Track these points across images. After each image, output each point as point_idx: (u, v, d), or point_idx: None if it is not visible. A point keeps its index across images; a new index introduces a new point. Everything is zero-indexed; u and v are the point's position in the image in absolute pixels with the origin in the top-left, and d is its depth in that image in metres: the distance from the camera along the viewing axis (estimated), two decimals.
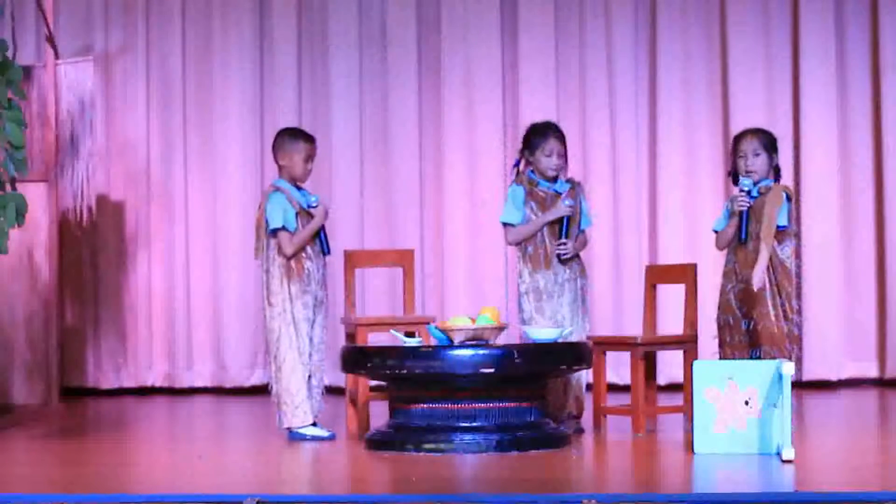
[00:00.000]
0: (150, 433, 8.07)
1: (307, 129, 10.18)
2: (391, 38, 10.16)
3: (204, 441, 7.57)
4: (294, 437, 7.09)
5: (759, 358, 6.88)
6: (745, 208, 7.01)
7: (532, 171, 7.42)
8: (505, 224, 7.43)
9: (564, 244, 7.30)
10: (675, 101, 10.00)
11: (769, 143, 7.10)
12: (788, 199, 7.01)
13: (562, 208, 7.28)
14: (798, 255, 7.09)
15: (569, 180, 7.47)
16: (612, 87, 10.06)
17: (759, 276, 6.85)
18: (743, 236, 7.02)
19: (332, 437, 7.11)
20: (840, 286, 9.90)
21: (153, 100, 10.24)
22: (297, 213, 7.13)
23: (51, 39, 9.43)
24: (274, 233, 7.11)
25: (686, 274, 7.49)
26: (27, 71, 9.26)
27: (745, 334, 6.96)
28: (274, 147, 7.30)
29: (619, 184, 10.05)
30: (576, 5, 10.09)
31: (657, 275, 7.78)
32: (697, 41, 10.04)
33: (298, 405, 7.08)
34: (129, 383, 10.20)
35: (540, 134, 7.40)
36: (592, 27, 10.07)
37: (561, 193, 7.39)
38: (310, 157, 7.24)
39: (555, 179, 7.42)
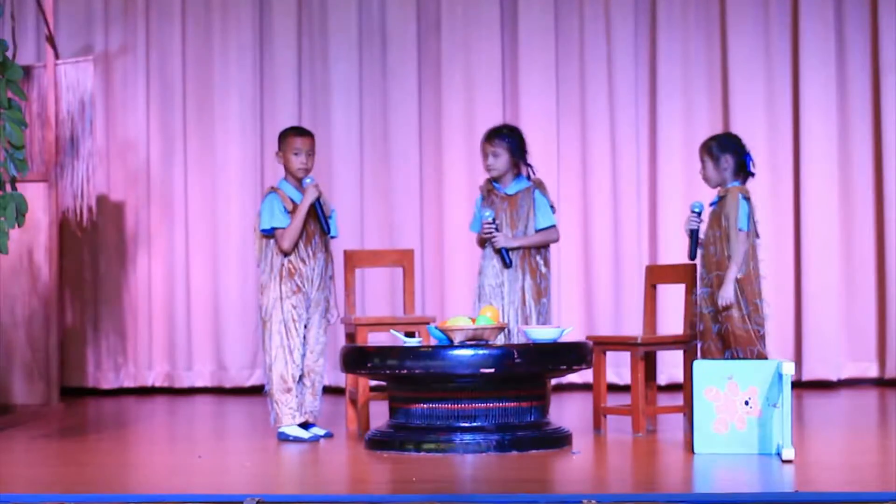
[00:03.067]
0: (150, 433, 8.07)
1: (307, 129, 10.20)
2: (391, 39, 10.16)
3: (204, 441, 7.57)
4: (280, 437, 7.13)
5: (732, 359, 6.87)
6: (694, 228, 7.02)
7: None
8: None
9: (492, 224, 7.37)
10: (675, 101, 10.00)
11: (716, 147, 7.04)
12: (745, 199, 6.94)
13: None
14: (755, 256, 6.96)
15: (533, 180, 7.50)
16: (612, 87, 10.06)
17: (725, 295, 6.85)
18: (693, 254, 7.04)
19: (314, 439, 7.11)
20: (840, 286, 9.90)
21: (153, 100, 10.23)
22: (289, 211, 7.15)
23: (51, 39, 9.42)
24: (265, 234, 7.17)
25: (686, 274, 7.49)
26: (27, 71, 9.25)
27: (718, 337, 6.94)
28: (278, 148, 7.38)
29: (619, 184, 10.05)
30: (576, 5, 10.09)
31: (657, 275, 7.78)
32: (697, 41, 10.04)
33: (287, 405, 7.11)
34: (129, 383, 10.20)
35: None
36: (592, 27, 10.07)
37: (511, 195, 7.42)
38: (301, 151, 7.23)
39: (502, 179, 7.45)
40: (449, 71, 10.11)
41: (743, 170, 7.05)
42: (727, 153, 7.03)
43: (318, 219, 7.20)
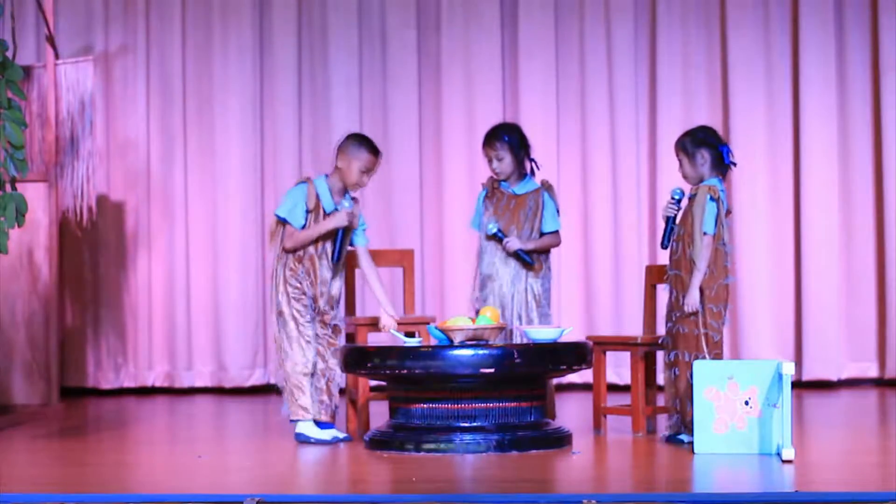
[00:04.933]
0: (150, 433, 8.07)
1: (307, 128, 10.14)
2: (391, 38, 10.16)
3: (204, 441, 7.56)
4: (299, 438, 7.03)
5: (674, 361, 6.83)
6: (670, 215, 6.86)
7: None
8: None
9: (497, 234, 7.39)
10: (675, 102, 10.00)
11: (690, 143, 6.83)
12: (713, 200, 6.72)
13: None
14: (719, 258, 6.79)
15: (543, 183, 7.49)
16: (613, 88, 10.06)
17: (690, 302, 6.72)
18: (665, 243, 6.90)
19: (335, 441, 7.02)
20: (840, 286, 9.90)
21: (153, 100, 10.23)
22: (308, 211, 7.03)
23: (51, 39, 9.43)
24: (279, 220, 7.03)
25: None
26: (27, 71, 9.26)
27: (669, 335, 6.89)
28: (339, 147, 7.08)
29: (619, 184, 10.06)
30: (576, 5, 10.10)
31: (657, 275, 7.78)
32: (697, 41, 10.05)
33: (300, 399, 7.01)
34: (129, 383, 10.20)
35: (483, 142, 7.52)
36: (592, 27, 10.07)
37: (519, 195, 7.41)
38: (368, 170, 7.05)
39: (509, 179, 7.44)
40: (449, 71, 10.12)
41: (721, 163, 6.83)
42: (702, 148, 6.80)
43: (333, 241, 7.07)
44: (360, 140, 7.11)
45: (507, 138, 7.41)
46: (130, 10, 10.24)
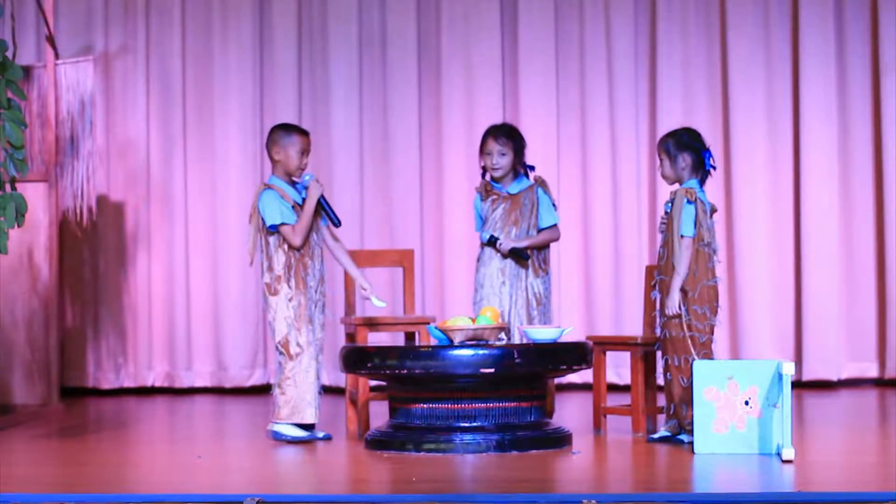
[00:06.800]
0: (150, 433, 8.07)
1: (307, 129, 10.17)
2: (391, 38, 10.16)
3: (204, 441, 7.57)
4: (275, 436, 7.01)
5: (666, 366, 6.81)
6: (662, 229, 6.86)
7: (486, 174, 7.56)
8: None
9: (492, 241, 7.40)
10: (675, 102, 10.00)
11: (673, 144, 6.84)
12: (689, 202, 6.70)
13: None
14: (701, 260, 6.80)
15: (536, 178, 7.50)
16: (612, 88, 10.06)
17: (670, 305, 6.70)
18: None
19: (311, 438, 7.03)
20: (840, 286, 9.90)
21: (153, 100, 10.24)
22: (292, 207, 7.07)
23: (51, 39, 9.43)
24: (273, 230, 7.05)
25: None
26: (27, 71, 9.26)
27: (660, 341, 6.87)
28: (268, 143, 7.20)
29: (619, 184, 10.06)
30: (576, 5, 10.10)
31: None
32: (697, 41, 10.05)
33: (310, 402, 7.00)
34: (129, 383, 10.20)
35: (483, 136, 7.49)
36: (592, 27, 10.07)
37: (514, 194, 7.42)
38: (305, 151, 7.16)
39: (503, 179, 7.44)
40: (449, 71, 10.12)
41: (701, 167, 6.83)
42: (685, 151, 6.81)
43: (320, 214, 7.14)
44: (286, 127, 7.29)
45: (515, 136, 7.44)
46: (130, 10, 10.25)
